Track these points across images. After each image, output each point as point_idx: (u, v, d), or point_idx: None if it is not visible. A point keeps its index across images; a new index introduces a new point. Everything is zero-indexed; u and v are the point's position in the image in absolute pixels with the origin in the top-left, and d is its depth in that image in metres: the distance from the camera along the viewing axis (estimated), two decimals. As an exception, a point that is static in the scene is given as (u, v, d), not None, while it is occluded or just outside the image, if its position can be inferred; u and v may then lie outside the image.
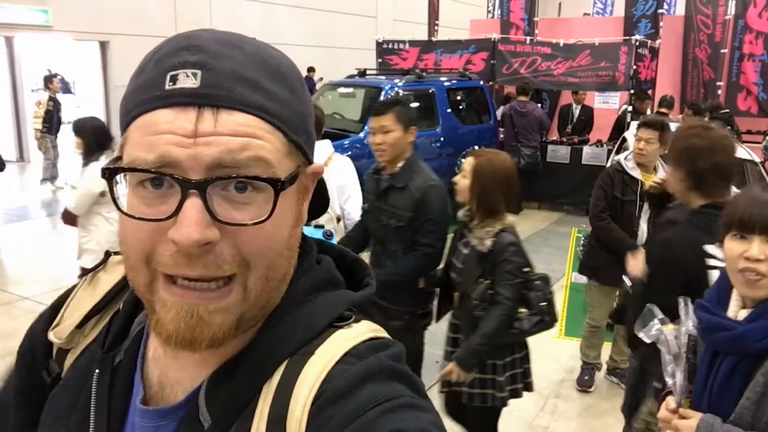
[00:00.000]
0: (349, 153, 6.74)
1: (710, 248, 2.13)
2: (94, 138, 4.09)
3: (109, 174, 0.60)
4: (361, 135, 7.13)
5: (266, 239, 0.60)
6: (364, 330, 0.66)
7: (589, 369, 4.25)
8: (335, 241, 3.35)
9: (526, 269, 2.75)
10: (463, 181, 2.78)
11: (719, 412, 1.58)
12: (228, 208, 0.58)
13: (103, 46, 12.61)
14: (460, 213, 2.88)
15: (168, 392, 0.68)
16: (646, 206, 3.73)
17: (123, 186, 0.62)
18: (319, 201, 0.75)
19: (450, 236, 3.02)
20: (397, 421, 0.56)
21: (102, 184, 4.08)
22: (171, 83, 0.58)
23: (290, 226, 0.64)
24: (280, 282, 0.65)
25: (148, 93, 0.59)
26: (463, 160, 3.05)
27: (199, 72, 0.57)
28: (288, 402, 0.61)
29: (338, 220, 3.61)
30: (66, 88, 19.51)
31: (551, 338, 5.05)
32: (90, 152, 4.08)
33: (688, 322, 1.71)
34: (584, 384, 4.20)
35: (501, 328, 2.63)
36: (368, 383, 0.59)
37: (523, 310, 2.70)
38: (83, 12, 11.72)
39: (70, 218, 4.18)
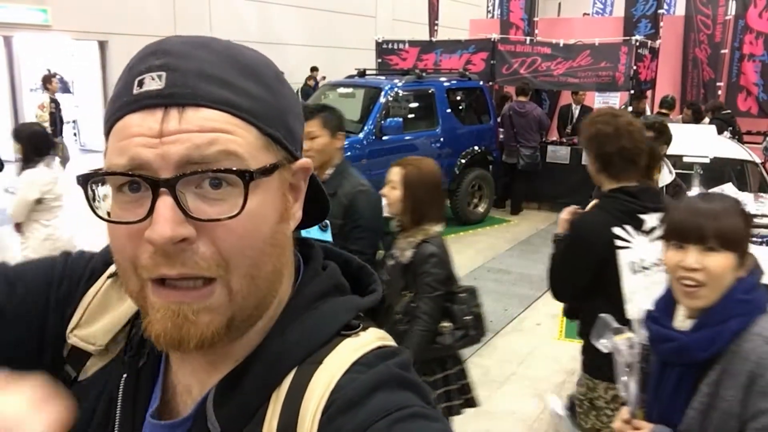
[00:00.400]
0: (349, 153, 6.74)
1: (617, 230, 2.26)
2: (31, 144, 4.06)
3: (82, 181, 0.61)
4: (361, 135, 7.12)
5: (243, 235, 0.59)
6: (371, 338, 0.66)
7: None
8: (329, 233, 3.40)
9: (454, 282, 2.71)
10: (393, 192, 2.70)
11: (669, 422, 1.60)
12: (202, 204, 0.58)
13: (102, 45, 12.60)
14: (392, 224, 2.85)
15: (179, 401, 0.68)
16: None
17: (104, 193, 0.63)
18: (320, 203, 0.75)
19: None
20: (408, 430, 0.56)
21: (38, 191, 4.06)
22: (138, 87, 0.59)
23: (273, 221, 0.63)
24: (270, 281, 0.64)
25: (120, 100, 0.60)
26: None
27: (164, 74, 0.59)
28: (297, 412, 0.60)
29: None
30: (65, 88, 19.47)
31: (552, 340, 5.04)
32: (27, 159, 4.05)
33: (642, 332, 1.72)
34: None
35: (423, 345, 2.56)
36: (378, 392, 0.59)
37: (446, 324, 2.63)
38: (82, 12, 11.69)
39: (18, 226, 4.16)
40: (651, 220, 2.29)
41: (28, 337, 0.72)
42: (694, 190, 5.91)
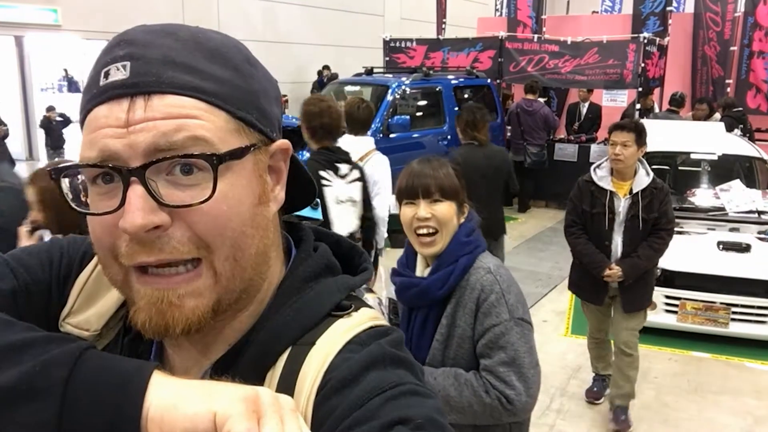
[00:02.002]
0: (356, 151, 6.76)
1: (323, 173, 3.29)
2: None
3: (55, 174, 0.61)
4: (368, 133, 7.13)
5: (218, 218, 0.60)
6: (364, 318, 0.67)
7: (599, 381, 4.08)
8: (319, 211, 3.61)
9: None
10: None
11: (419, 360, 1.80)
12: (174, 191, 0.59)
13: (112, 45, 12.67)
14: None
15: None
16: (619, 218, 3.53)
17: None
18: (306, 187, 0.76)
19: None
20: (402, 407, 0.57)
21: None
22: (104, 79, 0.59)
23: (250, 203, 0.63)
24: (255, 263, 0.65)
25: (89, 93, 0.61)
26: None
27: (128, 63, 0.59)
28: (292, 392, 0.61)
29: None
30: (76, 87, 19.63)
31: (558, 336, 5.04)
32: None
33: (390, 288, 1.97)
34: (591, 395, 4.04)
35: None
36: (371, 371, 0.60)
37: None
38: (92, 11, 11.77)
39: None
40: (343, 168, 3.40)
41: (36, 319, 0.71)
42: (702, 188, 5.90)
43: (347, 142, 3.87)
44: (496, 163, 4.67)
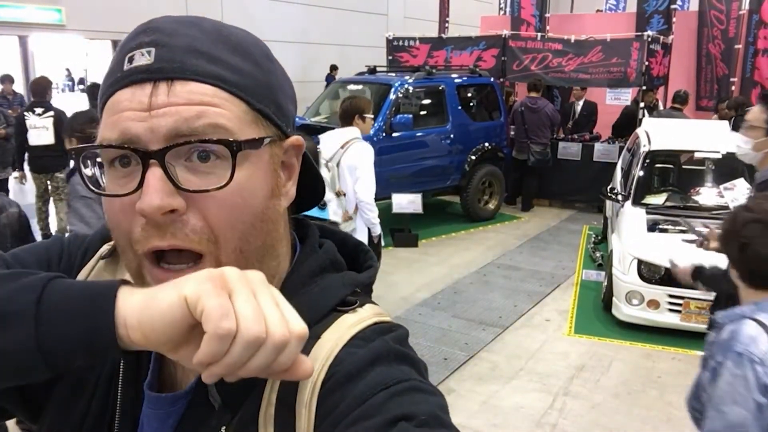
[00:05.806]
0: (359, 150, 6.75)
1: None
2: None
3: (75, 155, 0.63)
4: (371, 132, 7.13)
5: (232, 207, 0.61)
6: (369, 314, 0.68)
7: None
8: (326, 211, 3.78)
9: None
10: None
11: None
12: (191, 176, 0.59)
13: (116, 45, 12.70)
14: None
15: (179, 374, 0.69)
16: None
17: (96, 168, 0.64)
18: (314, 187, 0.76)
19: None
20: (405, 404, 0.57)
21: None
22: (128, 63, 0.61)
23: (263, 196, 0.64)
24: (261, 255, 0.65)
25: (112, 77, 0.62)
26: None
27: (153, 49, 0.60)
28: (296, 385, 0.61)
29: (338, 195, 4.00)
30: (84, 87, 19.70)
31: (561, 335, 5.03)
32: None
33: None
34: None
35: None
36: (376, 366, 0.60)
37: None
38: (96, 11, 11.79)
39: None
40: None
41: None
42: (706, 186, 5.88)
43: (335, 132, 4.25)
44: None
